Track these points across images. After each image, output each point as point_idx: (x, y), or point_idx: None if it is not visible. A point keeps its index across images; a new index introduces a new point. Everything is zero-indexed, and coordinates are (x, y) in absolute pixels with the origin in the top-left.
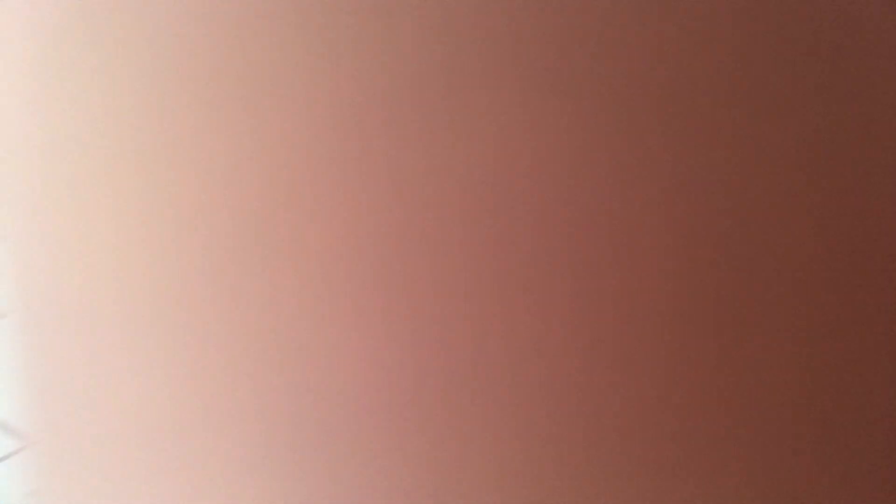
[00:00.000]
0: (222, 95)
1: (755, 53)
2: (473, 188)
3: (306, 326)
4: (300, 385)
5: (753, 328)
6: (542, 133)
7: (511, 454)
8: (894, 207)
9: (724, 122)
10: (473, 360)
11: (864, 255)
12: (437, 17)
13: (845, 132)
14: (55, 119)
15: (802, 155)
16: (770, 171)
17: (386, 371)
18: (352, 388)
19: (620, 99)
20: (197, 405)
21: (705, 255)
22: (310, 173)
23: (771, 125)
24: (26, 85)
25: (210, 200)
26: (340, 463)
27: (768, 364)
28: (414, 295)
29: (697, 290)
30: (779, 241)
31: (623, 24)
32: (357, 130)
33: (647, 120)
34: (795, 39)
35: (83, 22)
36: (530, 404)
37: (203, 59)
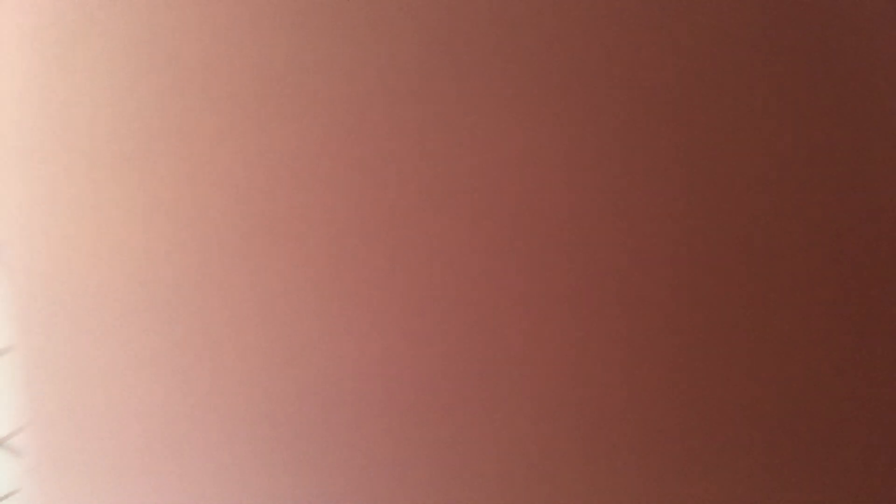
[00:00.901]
0: (219, 94)
1: (752, 54)
2: (471, 187)
3: (307, 323)
4: (301, 383)
5: (753, 329)
6: (540, 133)
7: (513, 453)
8: (894, 207)
9: (720, 121)
10: (474, 359)
11: (865, 254)
12: (433, 18)
13: (845, 132)
14: (51, 121)
15: (801, 153)
16: (768, 171)
17: (387, 369)
18: (354, 386)
19: (617, 99)
20: (195, 404)
21: (702, 254)
22: (307, 172)
23: (769, 125)
24: (23, 90)
25: (208, 200)
26: (341, 462)
27: (768, 364)
28: (414, 293)
29: (695, 289)
30: (778, 241)
31: (619, 23)
32: (353, 129)
33: (646, 120)
34: (794, 38)
35: (80, 22)
36: (531, 403)
37: (201, 57)
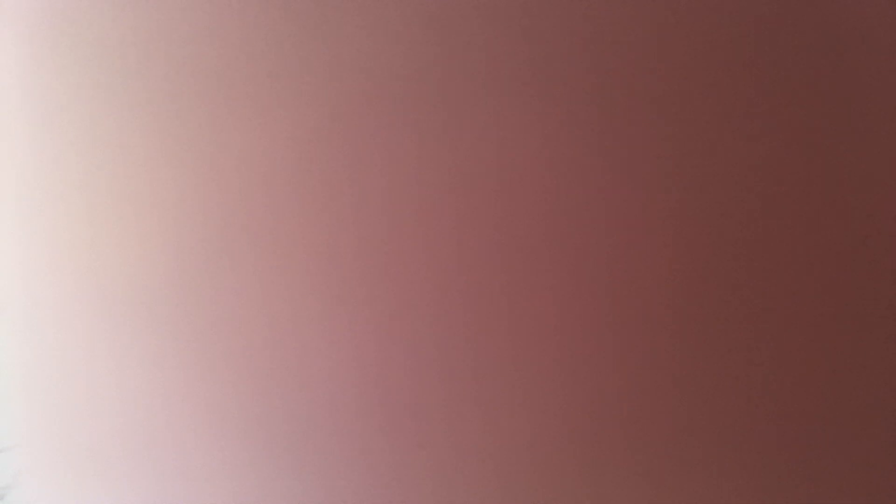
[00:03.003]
0: (218, 95)
1: (752, 56)
2: (467, 188)
3: (297, 323)
4: (290, 381)
5: (753, 327)
6: (538, 135)
7: (502, 451)
8: (894, 207)
9: (719, 122)
10: (466, 358)
11: (864, 254)
12: (434, 20)
13: (844, 132)
14: (42, 121)
15: (800, 153)
16: (768, 171)
17: (377, 368)
18: (343, 386)
19: (618, 101)
20: (185, 401)
21: (700, 254)
22: (300, 173)
23: (769, 127)
24: (20, 90)
25: (202, 199)
26: (330, 461)
27: (767, 362)
28: (407, 293)
29: (693, 288)
30: (778, 240)
31: (620, 26)
32: (351, 130)
33: (647, 122)
34: (793, 39)
35: (76, 22)
36: (523, 401)
37: (200, 59)
